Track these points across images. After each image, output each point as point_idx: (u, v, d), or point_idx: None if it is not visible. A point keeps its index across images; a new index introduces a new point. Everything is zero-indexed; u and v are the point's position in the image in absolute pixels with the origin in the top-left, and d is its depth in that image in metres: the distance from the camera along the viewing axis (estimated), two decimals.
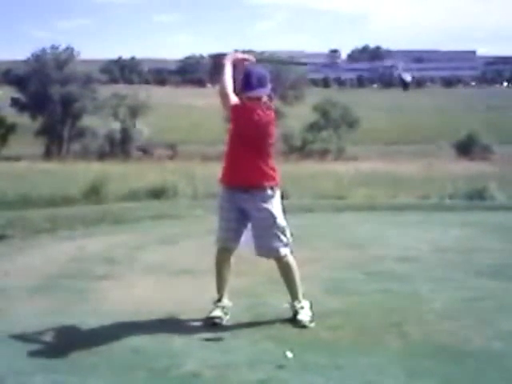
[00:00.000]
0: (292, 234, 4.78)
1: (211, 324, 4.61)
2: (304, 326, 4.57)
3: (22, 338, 4.37)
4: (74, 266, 6.53)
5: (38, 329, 4.53)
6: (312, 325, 4.59)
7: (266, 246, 4.68)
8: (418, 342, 4.28)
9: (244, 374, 3.77)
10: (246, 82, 4.64)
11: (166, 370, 3.81)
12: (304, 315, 4.66)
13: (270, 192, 4.67)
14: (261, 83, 4.64)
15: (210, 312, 4.69)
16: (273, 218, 4.65)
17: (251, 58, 4.97)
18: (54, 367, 3.89)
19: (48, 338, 4.39)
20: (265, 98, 4.68)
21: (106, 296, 5.42)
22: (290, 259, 4.75)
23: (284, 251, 4.70)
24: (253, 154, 4.63)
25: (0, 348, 4.21)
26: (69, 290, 5.63)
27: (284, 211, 4.76)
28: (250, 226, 4.74)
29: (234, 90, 4.74)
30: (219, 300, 4.77)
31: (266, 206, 4.64)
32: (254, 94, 4.62)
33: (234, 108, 4.66)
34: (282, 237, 4.68)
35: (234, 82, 4.78)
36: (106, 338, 4.34)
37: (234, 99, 4.69)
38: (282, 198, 4.79)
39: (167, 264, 6.62)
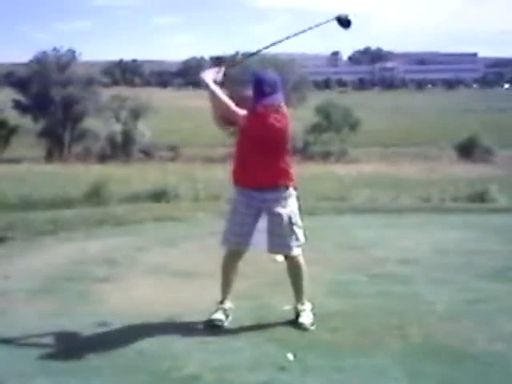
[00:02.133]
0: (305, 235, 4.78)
1: (212, 326, 4.60)
2: (305, 329, 4.57)
3: (23, 340, 4.37)
4: (75, 268, 6.53)
5: (40, 331, 4.53)
6: (313, 328, 4.59)
7: (281, 242, 4.66)
8: (420, 343, 4.28)
9: (245, 377, 3.77)
10: (259, 89, 4.56)
11: (167, 373, 3.81)
12: (305, 318, 4.66)
13: (291, 190, 4.70)
14: (273, 89, 4.58)
15: (212, 314, 4.69)
16: (293, 215, 4.67)
17: (222, 68, 4.84)
18: (55, 369, 3.89)
19: (49, 340, 4.39)
20: (278, 103, 4.62)
21: (107, 298, 5.42)
22: (301, 260, 4.76)
23: (297, 250, 4.71)
24: (273, 156, 4.61)
25: (1, 350, 4.21)
26: (70, 292, 5.63)
27: (300, 210, 4.77)
28: (259, 225, 4.71)
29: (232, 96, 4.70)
30: (222, 302, 4.77)
31: (286, 203, 4.65)
32: (268, 101, 4.55)
33: (247, 118, 4.56)
34: (299, 235, 4.70)
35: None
36: (107, 340, 4.35)
37: (240, 112, 4.58)
38: (298, 199, 4.80)
39: (169, 266, 6.62)
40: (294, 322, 4.66)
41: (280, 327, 4.62)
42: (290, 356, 4.03)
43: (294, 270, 4.76)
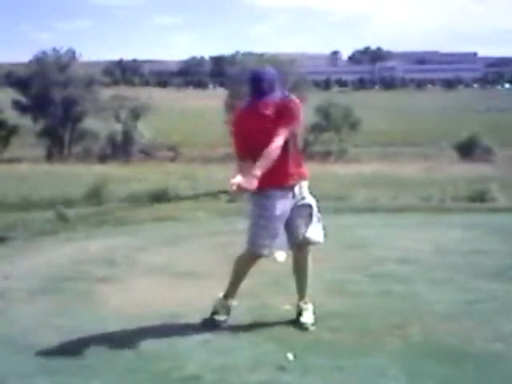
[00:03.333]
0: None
1: (213, 325, 4.59)
2: (306, 329, 4.57)
3: (24, 339, 4.37)
4: (75, 268, 6.54)
5: (40, 331, 4.53)
6: (313, 328, 4.58)
7: (315, 231, 4.69)
8: (419, 343, 4.28)
9: (245, 376, 3.77)
10: (257, 88, 4.48)
11: (167, 373, 3.82)
12: (307, 317, 4.66)
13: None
14: (271, 87, 4.49)
15: (216, 313, 4.67)
16: (317, 204, 4.73)
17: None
18: (56, 369, 3.89)
19: (49, 339, 4.39)
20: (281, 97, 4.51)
21: (107, 298, 5.42)
22: (310, 256, 4.77)
23: (323, 238, 4.79)
24: (292, 148, 4.56)
25: (1, 350, 4.21)
26: (70, 292, 5.64)
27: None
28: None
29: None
30: (226, 297, 4.70)
31: (309, 193, 4.71)
32: (267, 99, 4.47)
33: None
34: (321, 223, 4.78)
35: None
36: (107, 340, 4.35)
37: (277, 137, 4.36)
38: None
39: (169, 266, 6.62)
40: (295, 321, 4.66)
41: (280, 327, 4.62)
42: (290, 356, 4.03)
43: (304, 263, 4.74)
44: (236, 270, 4.73)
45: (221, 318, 4.66)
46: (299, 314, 4.70)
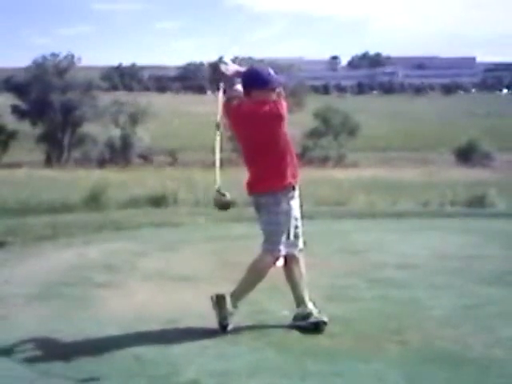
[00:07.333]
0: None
1: (224, 330, 4.57)
2: (325, 323, 4.55)
3: (23, 344, 4.37)
4: (74, 274, 6.53)
5: (39, 336, 4.53)
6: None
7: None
8: (418, 348, 4.27)
9: (244, 382, 3.76)
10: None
11: (165, 378, 3.81)
12: (319, 315, 4.64)
13: None
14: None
15: (226, 318, 4.61)
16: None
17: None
18: (54, 374, 3.88)
19: (48, 345, 4.39)
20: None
21: (106, 303, 5.42)
22: (303, 262, 4.82)
23: None
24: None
25: (0, 355, 4.21)
26: (69, 297, 5.63)
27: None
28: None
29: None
30: (235, 304, 4.63)
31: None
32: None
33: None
34: None
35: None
36: (106, 345, 4.34)
37: None
38: None
39: (167, 271, 6.62)
40: (308, 319, 4.62)
41: (279, 332, 4.61)
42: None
43: (297, 270, 4.74)
44: (260, 276, 4.68)
45: (231, 326, 4.60)
46: (310, 314, 4.65)
